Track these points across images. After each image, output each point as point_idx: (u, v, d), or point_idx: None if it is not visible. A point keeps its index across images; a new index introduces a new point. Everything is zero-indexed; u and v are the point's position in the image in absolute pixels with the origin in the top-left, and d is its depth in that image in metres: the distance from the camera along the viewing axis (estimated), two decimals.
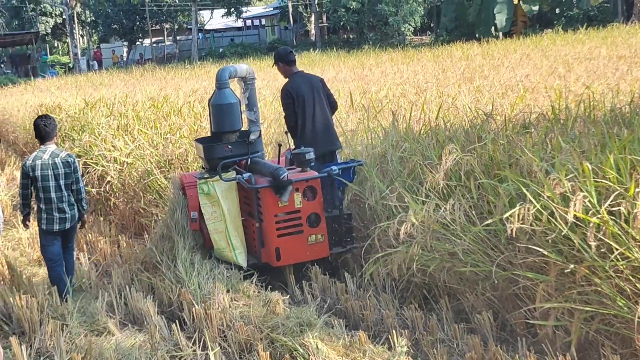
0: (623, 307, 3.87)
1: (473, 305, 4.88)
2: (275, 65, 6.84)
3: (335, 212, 5.99)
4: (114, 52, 50.15)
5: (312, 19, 48.96)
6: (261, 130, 6.50)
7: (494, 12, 35.37)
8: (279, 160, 6.44)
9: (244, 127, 6.38)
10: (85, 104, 12.74)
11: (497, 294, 4.73)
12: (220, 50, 47.64)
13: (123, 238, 7.88)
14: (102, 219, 8.95)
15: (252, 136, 6.19)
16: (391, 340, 4.52)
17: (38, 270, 7.22)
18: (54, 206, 6.07)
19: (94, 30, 57.62)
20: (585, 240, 3.92)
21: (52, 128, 6.16)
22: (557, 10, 38.10)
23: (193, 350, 4.82)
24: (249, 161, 6.19)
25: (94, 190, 9.31)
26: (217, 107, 6.15)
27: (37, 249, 6.77)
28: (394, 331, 4.61)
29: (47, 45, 56.52)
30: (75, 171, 6.16)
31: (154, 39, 52.81)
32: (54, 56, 53.87)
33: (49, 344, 5.07)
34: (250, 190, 5.88)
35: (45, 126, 6.12)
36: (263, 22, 60.92)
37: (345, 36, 49.99)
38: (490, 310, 4.74)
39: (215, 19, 56.59)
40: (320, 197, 5.86)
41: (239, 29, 59.56)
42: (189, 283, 5.69)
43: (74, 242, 6.62)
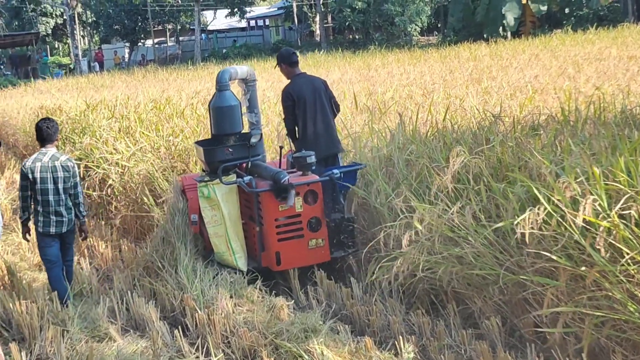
0: (634, 312, 3.81)
1: (481, 311, 4.81)
2: (277, 66, 6.81)
3: (337, 216, 5.93)
4: (116, 53, 50.10)
5: (317, 19, 48.89)
6: (262, 133, 6.44)
7: (502, 12, 35.10)
8: (281, 163, 6.38)
9: (245, 130, 6.33)
10: (87, 106, 12.69)
11: (505, 299, 4.66)
12: (224, 51, 47.61)
13: (125, 242, 7.81)
14: (104, 223, 8.89)
15: (253, 139, 6.14)
16: (398, 346, 4.45)
17: (38, 276, 7.15)
18: (51, 209, 6.05)
19: (95, 31, 57.60)
20: (593, 245, 3.85)
21: (54, 131, 6.17)
22: (567, 10, 37.96)
23: (196, 357, 4.78)
24: (250, 164, 6.13)
25: (95, 193, 9.26)
26: (217, 110, 6.10)
27: (37, 254, 6.71)
28: (400, 337, 4.56)
29: (48, 46, 56.46)
30: (74, 175, 6.15)
31: (156, 40, 52.76)
32: (55, 57, 53.80)
33: (50, 350, 5.02)
34: (251, 194, 5.83)
35: (48, 128, 6.14)
36: (267, 22, 60.87)
37: (350, 37, 49.84)
38: (499, 315, 4.67)
39: (219, 19, 56.61)
40: (321, 201, 5.81)
41: (243, 29, 59.49)
42: (191, 289, 5.63)
43: (73, 248, 6.57)
